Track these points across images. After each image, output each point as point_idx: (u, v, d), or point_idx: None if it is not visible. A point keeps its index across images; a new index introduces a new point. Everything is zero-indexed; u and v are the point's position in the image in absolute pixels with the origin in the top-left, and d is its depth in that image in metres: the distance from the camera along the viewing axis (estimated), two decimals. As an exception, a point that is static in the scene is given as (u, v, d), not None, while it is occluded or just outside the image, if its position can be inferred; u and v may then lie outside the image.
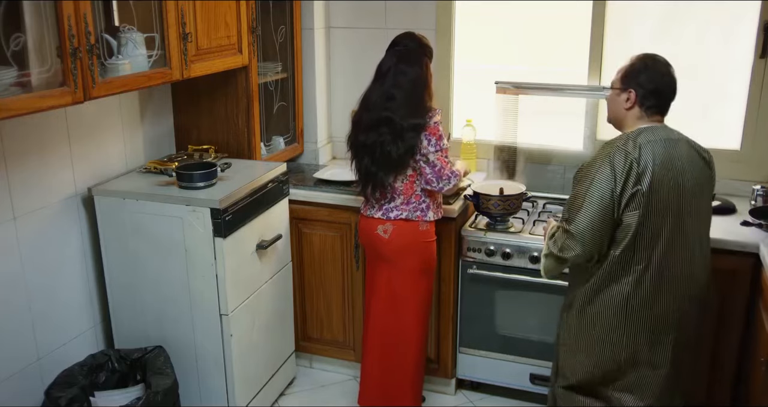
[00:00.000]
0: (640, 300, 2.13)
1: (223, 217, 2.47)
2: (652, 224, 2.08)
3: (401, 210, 2.62)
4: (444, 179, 2.55)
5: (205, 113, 3.02)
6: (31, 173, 2.34)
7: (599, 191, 2.08)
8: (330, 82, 3.57)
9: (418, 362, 2.79)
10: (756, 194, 2.84)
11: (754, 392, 2.41)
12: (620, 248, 2.11)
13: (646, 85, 2.15)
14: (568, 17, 3.17)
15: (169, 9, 2.39)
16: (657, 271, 2.11)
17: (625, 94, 2.18)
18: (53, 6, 1.91)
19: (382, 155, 2.54)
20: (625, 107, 2.19)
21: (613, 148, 2.12)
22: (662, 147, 2.11)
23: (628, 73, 2.19)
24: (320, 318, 3.27)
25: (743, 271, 2.57)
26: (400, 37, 2.63)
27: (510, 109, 3.24)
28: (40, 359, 2.43)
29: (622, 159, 2.08)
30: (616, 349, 2.18)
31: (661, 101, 2.18)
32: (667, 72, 2.18)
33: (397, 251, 2.66)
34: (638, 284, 2.12)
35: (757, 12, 2.88)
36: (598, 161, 2.12)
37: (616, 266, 2.13)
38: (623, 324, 2.16)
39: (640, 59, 2.20)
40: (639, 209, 2.06)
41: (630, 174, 2.06)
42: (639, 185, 2.06)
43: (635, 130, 2.17)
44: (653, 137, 2.12)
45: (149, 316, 2.65)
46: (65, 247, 2.53)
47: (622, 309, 2.15)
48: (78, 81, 1.99)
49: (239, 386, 2.70)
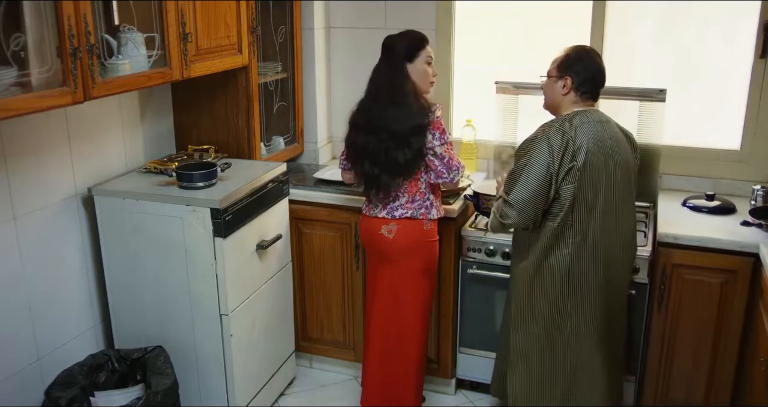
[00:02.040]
0: (579, 271, 2.34)
1: (223, 217, 2.47)
2: (586, 198, 2.29)
3: (406, 209, 2.62)
4: (454, 169, 2.56)
5: (205, 113, 3.02)
6: (31, 173, 2.34)
7: (537, 165, 2.27)
8: (330, 82, 3.57)
9: (419, 362, 2.79)
10: (756, 194, 2.84)
11: (754, 392, 2.41)
12: (557, 221, 2.31)
13: (581, 73, 2.35)
14: (568, 17, 3.17)
15: (169, 9, 2.39)
16: (592, 242, 2.32)
17: (561, 81, 2.38)
18: (53, 6, 1.91)
19: (387, 160, 2.53)
20: (562, 92, 2.38)
21: (551, 128, 2.31)
22: (595, 128, 2.31)
23: (565, 62, 2.38)
24: (320, 318, 3.27)
25: (743, 271, 2.57)
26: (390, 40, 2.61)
27: (510, 109, 3.24)
28: (40, 359, 2.43)
29: (559, 138, 2.27)
30: (561, 318, 2.39)
31: (594, 87, 2.38)
32: (600, 62, 2.39)
33: (401, 252, 2.65)
34: (575, 256, 2.33)
35: (757, 12, 2.88)
36: (536, 139, 2.31)
37: (554, 238, 2.33)
38: (565, 294, 2.37)
39: (574, 50, 2.40)
40: (574, 183, 2.26)
41: (567, 151, 2.26)
42: (574, 161, 2.26)
43: (571, 112, 2.36)
44: (587, 118, 2.33)
45: (149, 316, 2.65)
46: (65, 247, 2.53)
47: (564, 279, 2.35)
48: (78, 81, 1.99)
49: (239, 386, 2.70)
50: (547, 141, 2.27)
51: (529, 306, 2.43)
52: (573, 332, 2.39)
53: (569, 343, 2.41)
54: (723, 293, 2.62)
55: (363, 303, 3.09)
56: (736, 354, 2.66)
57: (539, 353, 2.45)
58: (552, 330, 2.41)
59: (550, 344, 2.43)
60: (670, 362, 2.76)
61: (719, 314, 2.64)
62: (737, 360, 2.66)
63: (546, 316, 2.40)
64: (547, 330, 2.42)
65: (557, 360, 2.44)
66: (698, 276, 2.64)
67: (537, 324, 2.43)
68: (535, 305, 2.42)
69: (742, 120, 3.01)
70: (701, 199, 2.92)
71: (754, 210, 2.73)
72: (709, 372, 2.72)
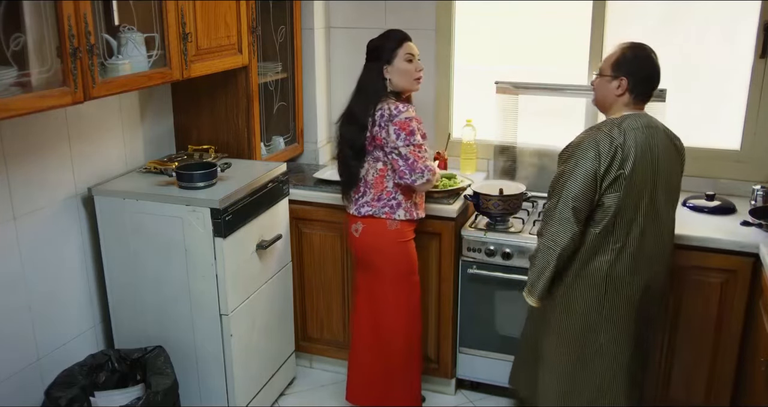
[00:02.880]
0: (618, 278, 2.27)
1: (223, 217, 2.47)
2: (630, 205, 2.21)
3: (371, 206, 2.64)
4: (417, 172, 2.54)
5: (205, 113, 3.02)
6: (31, 173, 2.34)
7: (583, 170, 2.19)
8: (330, 82, 3.57)
9: (404, 362, 2.79)
10: (756, 194, 2.84)
11: (754, 392, 2.41)
12: (599, 227, 2.24)
13: (637, 74, 2.25)
14: (568, 17, 3.17)
15: (169, 9, 2.39)
16: (633, 250, 2.25)
17: (616, 81, 2.27)
18: (53, 6, 1.90)
19: (344, 140, 2.67)
20: (616, 93, 2.28)
21: (599, 132, 2.23)
22: (644, 134, 2.23)
23: (620, 61, 2.27)
24: (320, 318, 3.27)
25: (743, 271, 2.57)
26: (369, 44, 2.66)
27: (510, 109, 3.24)
28: (40, 359, 2.43)
29: (608, 144, 2.19)
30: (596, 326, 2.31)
31: (649, 89, 2.29)
32: (657, 62, 2.28)
33: (368, 253, 2.68)
34: (615, 263, 2.26)
35: (757, 12, 2.88)
36: (583, 143, 2.23)
37: (595, 244, 2.26)
38: (602, 302, 2.29)
39: (631, 48, 2.28)
40: (620, 192, 2.19)
41: (615, 158, 2.18)
42: (622, 169, 2.18)
43: (620, 116, 2.27)
44: (636, 123, 2.24)
45: (149, 316, 2.65)
46: (65, 247, 2.53)
47: (602, 286, 2.28)
48: (78, 81, 1.99)
49: (239, 386, 2.70)
50: (596, 147, 2.19)
51: (564, 314, 2.35)
52: (606, 343, 2.32)
53: (602, 352, 2.33)
54: (723, 293, 2.62)
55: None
56: (736, 354, 2.65)
57: (568, 364, 2.38)
58: (585, 341, 2.33)
59: (582, 358, 2.35)
60: (670, 362, 2.76)
61: (719, 314, 2.64)
62: (737, 360, 2.66)
63: (580, 326, 2.32)
64: (580, 340, 2.34)
65: (586, 373, 2.36)
66: (698, 276, 2.64)
67: (569, 333, 2.35)
68: (570, 313, 2.34)
69: (742, 120, 3.01)
70: (701, 199, 2.92)
71: (754, 210, 2.73)
72: (709, 372, 2.72)
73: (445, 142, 3.31)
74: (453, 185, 3.02)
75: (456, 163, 3.37)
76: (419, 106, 3.29)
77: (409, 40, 2.63)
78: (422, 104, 3.35)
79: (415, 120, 2.57)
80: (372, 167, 2.62)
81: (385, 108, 2.54)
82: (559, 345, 2.39)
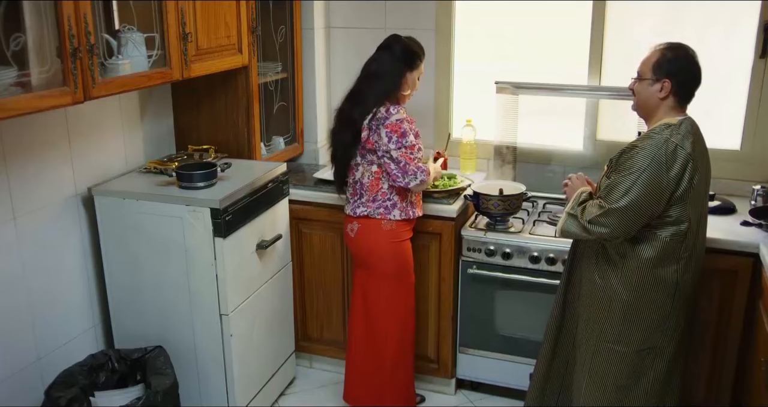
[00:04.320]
0: (686, 286, 2.20)
1: (223, 217, 2.47)
2: (696, 215, 2.16)
3: (366, 207, 2.65)
4: (410, 175, 2.55)
5: (205, 113, 3.02)
6: (31, 173, 2.34)
7: (649, 179, 2.06)
8: (330, 82, 3.57)
9: (397, 362, 2.80)
10: (756, 194, 2.84)
11: (754, 392, 2.41)
12: (668, 233, 2.13)
13: (680, 76, 2.14)
14: (568, 17, 3.17)
15: (169, 9, 2.39)
16: (697, 256, 2.21)
17: (658, 84, 2.15)
18: (53, 6, 1.91)
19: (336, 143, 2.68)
20: (659, 96, 2.16)
21: (666, 141, 2.09)
22: (700, 139, 2.17)
23: (661, 63, 2.15)
24: (320, 318, 3.27)
25: (743, 271, 2.57)
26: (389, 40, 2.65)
27: (510, 109, 3.24)
28: (40, 359, 2.43)
29: (676, 154, 2.07)
30: (663, 329, 2.21)
31: (692, 91, 2.19)
32: (698, 62, 2.18)
33: (363, 253, 2.69)
34: (685, 270, 2.18)
35: (757, 12, 2.88)
36: (649, 152, 2.08)
37: (665, 251, 2.14)
38: (670, 311, 2.19)
39: (671, 49, 2.16)
40: (687, 201, 2.11)
41: (686, 169, 2.08)
42: (692, 181, 2.10)
43: (676, 121, 2.15)
44: (692, 129, 2.15)
45: (149, 316, 2.65)
46: (65, 247, 2.53)
47: (672, 294, 2.18)
48: (78, 81, 1.99)
49: (239, 386, 2.70)
50: (665, 155, 2.06)
51: (624, 324, 2.20)
52: (670, 356, 2.21)
53: (664, 367, 2.22)
54: (723, 293, 2.62)
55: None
56: (737, 354, 2.66)
57: (619, 379, 2.24)
58: (647, 353, 2.20)
59: (637, 371, 2.22)
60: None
61: (719, 314, 2.64)
62: (737, 359, 2.66)
63: (643, 335, 2.19)
64: (640, 352, 2.20)
65: (641, 391, 2.23)
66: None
67: (629, 344, 2.20)
68: (633, 322, 2.19)
69: (742, 120, 3.01)
70: (701, 199, 2.91)
71: (754, 210, 2.73)
72: (709, 371, 2.72)
73: (445, 142, 3.31)
74: (453, 185, 3.02)
75: (456, 163, 3.37)
76: (419, 106, 3.30)
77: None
78: (422, 104, 3.35)
79: (407, 121, 2.58)
80: (367, 171, 2.63)
81: (376, 111, 2.55)
82: (613, 356, 2.24)
